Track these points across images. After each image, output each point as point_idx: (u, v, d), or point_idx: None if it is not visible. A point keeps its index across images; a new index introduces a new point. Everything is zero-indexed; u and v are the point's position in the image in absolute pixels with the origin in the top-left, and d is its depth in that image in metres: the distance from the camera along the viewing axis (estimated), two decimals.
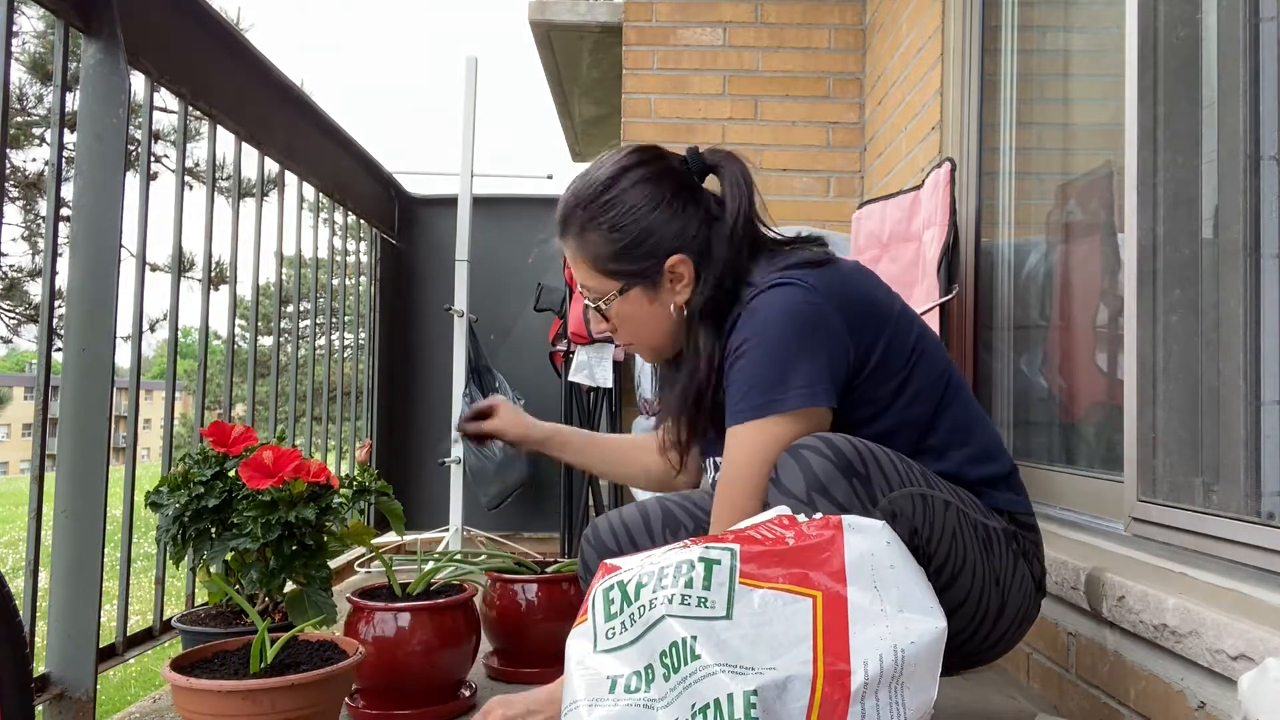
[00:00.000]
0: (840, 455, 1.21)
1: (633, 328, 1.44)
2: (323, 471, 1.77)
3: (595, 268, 1.41)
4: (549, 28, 4.01)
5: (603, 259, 1.40)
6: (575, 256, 1.43)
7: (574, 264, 1.44)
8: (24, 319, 9.81)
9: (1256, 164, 1.37)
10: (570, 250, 1.43)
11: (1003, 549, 1.34)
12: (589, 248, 1.40)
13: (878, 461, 1.23)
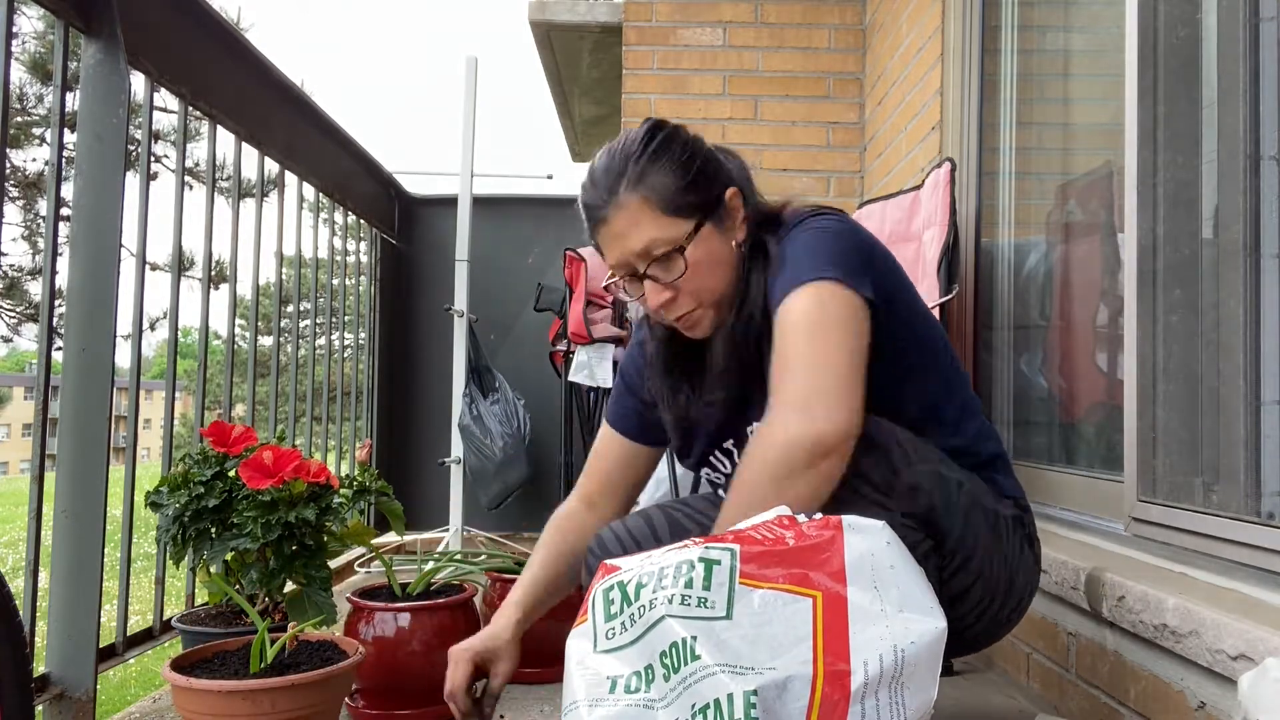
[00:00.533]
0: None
1: (703, 276, 1.33)
2: (323, 471, 1.77)
3: (666, 209, 1.31)
4: (549, 28, 4.01)
5: (674, 194, 1.32)
6: (640, 207, 1.31)
7: (637, 219, 1.32)
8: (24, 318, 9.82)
9: (1256, 164, 1.37)
10: (631, 204, 1.32)
11: (1009, 532, 1.36)
12: (657, 189, 1.32)
13: (897, 439, 1.24)
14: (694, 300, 1.34)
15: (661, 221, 1.31)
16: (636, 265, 1.33)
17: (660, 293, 1.33)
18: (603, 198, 1.33)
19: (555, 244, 3.88)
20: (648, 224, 1.31)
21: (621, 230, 1.33)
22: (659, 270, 1.33)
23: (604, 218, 1.34)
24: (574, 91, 4.76)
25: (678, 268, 1.32)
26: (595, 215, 1.35)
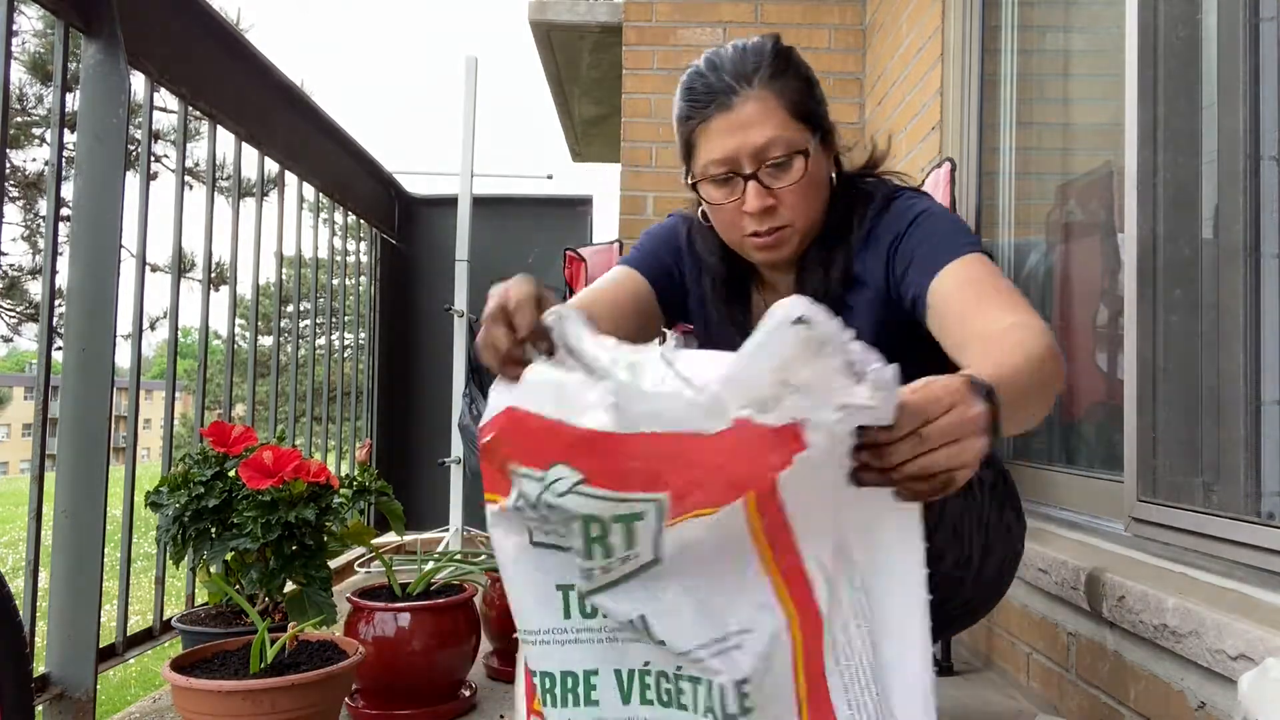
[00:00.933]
0: None
1: (808, 192, 1.31)
2: (323, 471, 1.77)
3: (794, 113, 1.29)
4: (549, 28, 4.01)
5: (804, 103, 1.30)
6: (774, 102, 1.27)
7: (767, 113, 1.27)
8: (24, 318, 9.81)
9: (1256, 164, 1.37)
10: (765, 98, 1.27)
11: (987, 494, 1.32)
12: (788, 92, 1.29)
13: None
14: (791, 215, 1.30)
15: (789, 123, 1.28)
16: (745, 164, 1.28)
17: (764, 198, 1.28)
18: (728, 84, 1.27)
19: (555, 244, 3.88)
20: (776, 121, 1.27)
21: (747, 120, 1.27)
22: (770, 173, 1.28)
23: (727, 104, 1.27)
24: (574, 91, 4.77)
25: (793, 173, 1.28)
26: (712, 100, 1.28)
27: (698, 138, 1.31)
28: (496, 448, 0.98)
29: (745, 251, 1.36)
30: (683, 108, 1.33)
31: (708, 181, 1.32)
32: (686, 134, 1.33)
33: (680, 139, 1.35)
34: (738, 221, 1.32)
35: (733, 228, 1.34)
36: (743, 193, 1.29)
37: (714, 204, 1.33)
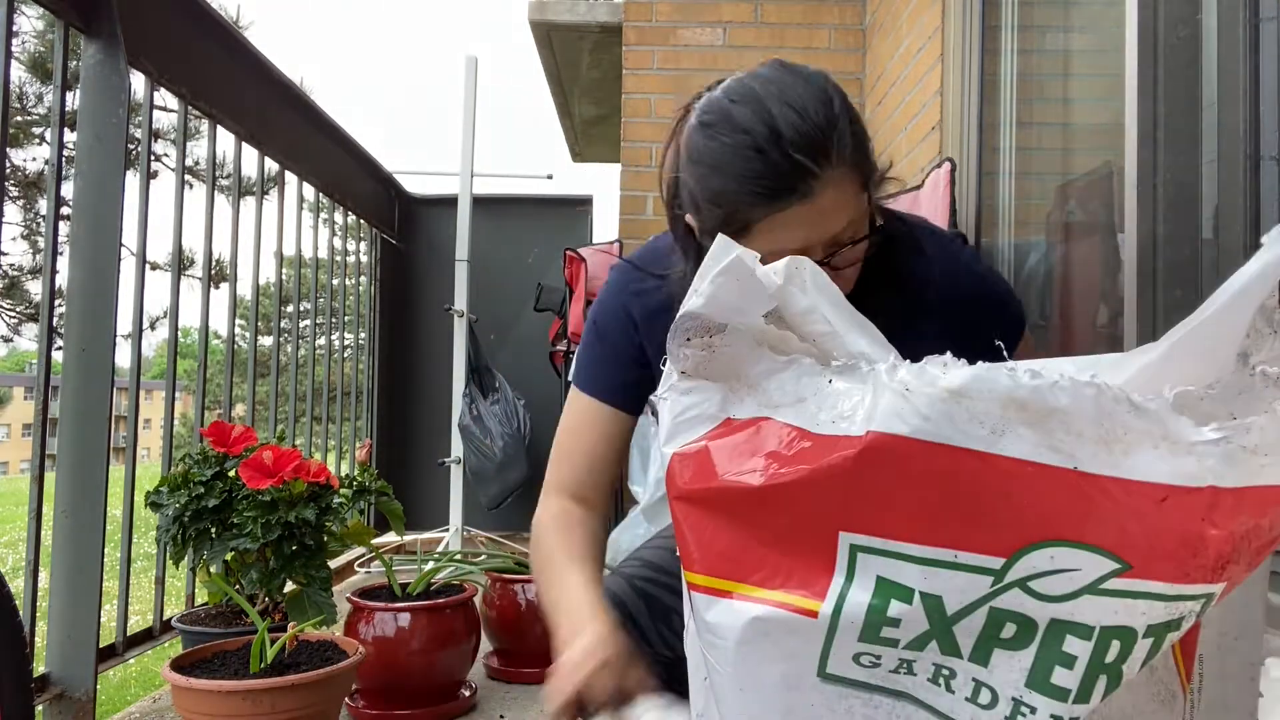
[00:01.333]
0: None
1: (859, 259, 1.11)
2: (323, 471, 1.77)
3: (864, 188, 1.06)
4: (549, 28, 4.01)
5: (868, 175, 1.07)
6: (852, 181, 1.03)
7: (846, 196, 1.03)
8: (24, 318, 9.81)
9: (1256, 164, 1.37)
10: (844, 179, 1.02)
11: None
12: (862, 165, 1.05)
13: None
14: (847, 287, 1.08)
15: (862, 200, 1.06)
16: (817, 251, 1.03)
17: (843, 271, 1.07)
18: (805, 167, 0.98)
19: (555, 244, 3.88)
20: (852, 202, 1.04)
21: (827, 208, 1.01)
22: (842, 255, 1.05)
23: (808, 193, 0.99)
24: (574, 91, 4.76)
25: (858, 251, 1.07)
26: (787, 190, 0.99)
27: (759, 226, 1.02)
28: (811, 501, 0.62)
29: None
30: (737, 190, 1.01)
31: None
32: (742, 220, 1.02)
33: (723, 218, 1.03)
34: None
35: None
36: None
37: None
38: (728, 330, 0.69)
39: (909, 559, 0.59)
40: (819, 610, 0.61)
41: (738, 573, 0.64)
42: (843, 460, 0.59)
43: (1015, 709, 0.60)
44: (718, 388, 0.69)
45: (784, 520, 0.62)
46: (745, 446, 0.65)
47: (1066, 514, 0.55)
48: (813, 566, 0.62)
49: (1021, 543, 0.57)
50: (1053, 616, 0.58)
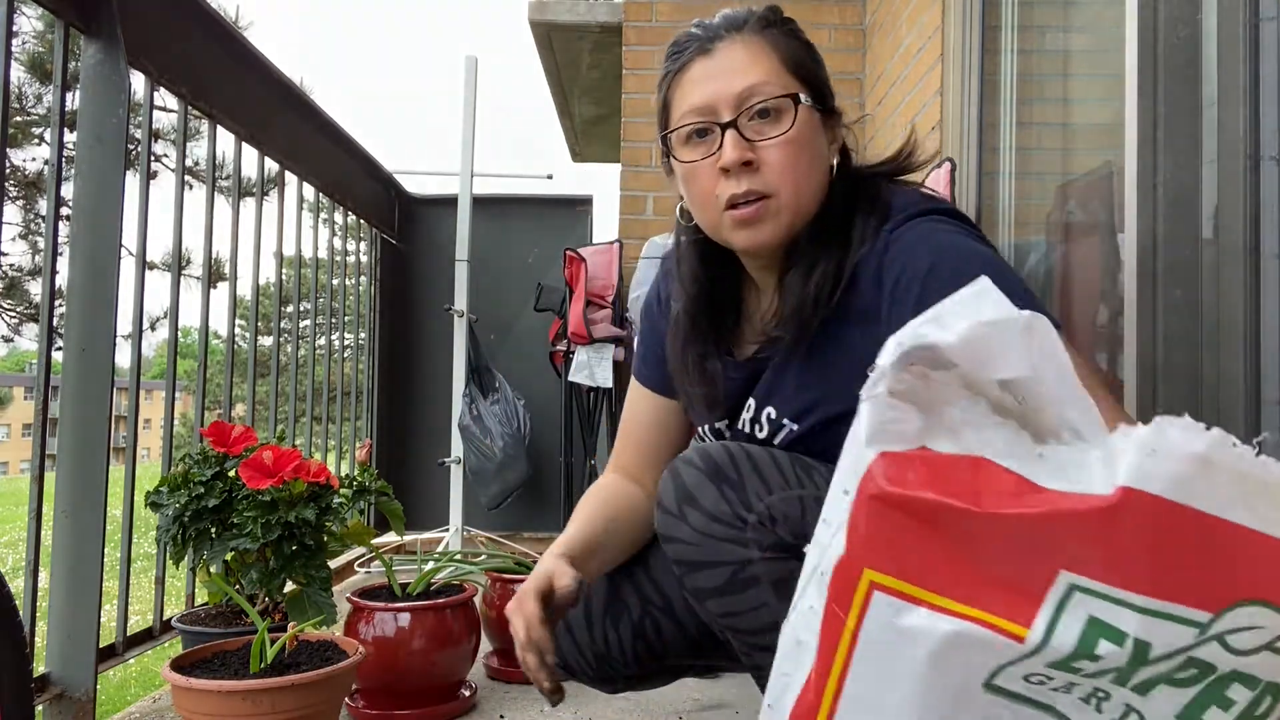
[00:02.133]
0: (709, 462, 1.11)
1: (797, 158, 1.11)
2: (323, 471, 1.77)
3: (788, 65, 1.14)
4: (549, 28, 4.01)
5: (797, 62, 1.15)
6: (763, 49, 1.13)
7: (754, 58, 1.12)
8: (24, 318, 9.81)
9: (1256, 164, 1.37)
10: (753, 43, 1.13)
11: None
12: (782, 48, 1.15)
13: (755, 465, 1.10)
14: (776, 179, 1.11)
15: (780, 72, 1.13)
16: (723, 110, 1.11)
17: (742, 149, 1.10)
18: (715, 32, 1.15)
19: (555, 244, 3.88)
20: (765, 67, 1.12)
21: (729, 65, 1.12)
22: (754, 125, 1.11)
23: (708, 50, 1.14)
24: (574, 91, 4.77)
25: (780, 124, 1.11)
26: (693, 48, 1.15)
27: (674, 93, 1.17)
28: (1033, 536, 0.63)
29: (723, 234, 1.16)
30: (664, 69, 1.19)
31: (680, 140, 1.15)
32: (663, 95, 1.18)
33: (658, 106, 1.20)
34: (713, 189, 1.13)
35: (708, 200, 1.14)
36: (719, 146, 1.11)
37: (686, 163, 1.14)
38: (953, 371, 0.70)
39: (1130, 606, 0.62)
40: (1025, 636, 0.64)
41: (937, 584, 0.66)
42: (1086, 510, 0.61)
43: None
44: (918, 415, 0.70)
45: (998, 547, 0.64)
46: (964, 475, 0.66)
47: (1271, 579, 0.61)
48: (1021, 593, 0.64)
49: (1229, 601, 0.61)
50: (1234, 667, 0.63)
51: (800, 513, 1.07)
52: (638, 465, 1.34)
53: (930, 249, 1.06)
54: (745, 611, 1.07)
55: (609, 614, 1.30)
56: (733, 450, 1.12)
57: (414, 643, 1.76)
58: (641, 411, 1.36)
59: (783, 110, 1.11)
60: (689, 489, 1.10)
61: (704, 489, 1.09)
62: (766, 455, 1.12)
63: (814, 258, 1.14)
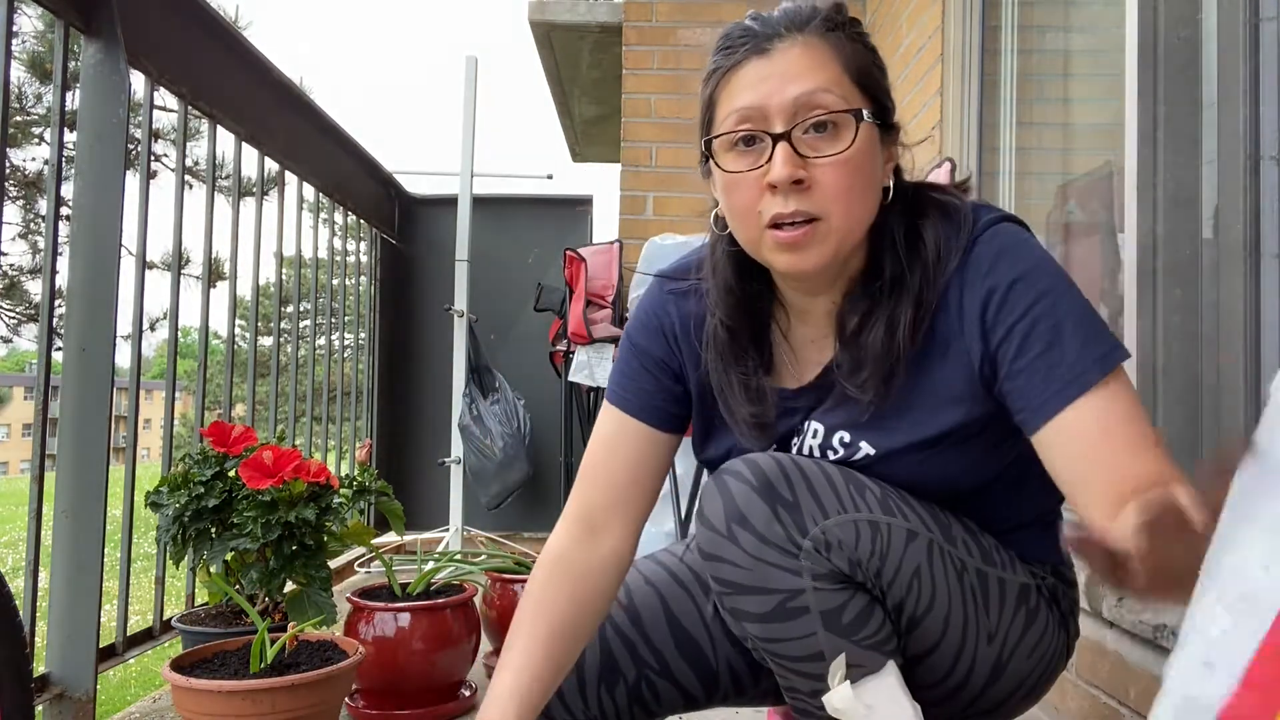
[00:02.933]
0: (761, 476, 1.01)
1: (854, 179, 1.00)
2: (323, 471, 1.77)
3: (851, 73, 1.02)
4: (549, 28, 4.01)
5: (862, 70, 1.03)
6: (820, 54, 1.01)
7: (816, 62, 1.00)
8: (24, 319, 9.81)
9: (1256, 164, 1.37)
10: (815, 46, 1.01)
11: (1012, 602, 1.10)
12: (847, 54, 1.03)
13: (809, 483, 1.02)
14: (827, 204, 0.99)
15: (843, 80, 1.01)
16: (775, 119, 0.99)
17: (795, 166, 0.98)
18: (774, 29, 1.01)
19: (555, 244, 3.88)
20: (827, 75, 1.00)
21: (787, 69, 1.00)
22: (809, 140, 0.99)
23: (765, 50, 1.00)
24: (574, 91, 4.77)
25: (839, 141, 0.99)
26: (748, 45, 1.02)
27: (721, 92, 1.03)
28: None
29: (763, 253, 1.04)
30: (711, 64, 1.05)
31: (725, 146, 1.02)
32: (709, 92, 1.05)
33: (702, 102, 1.06)
34: (756, 203, 1.01)
35: (749, 215, 1.02)
36: (768, 159, 0.99)
37: (729, 173, 1.02)
38: None
39: None
40: None
41: None
42: None
43: None
44: None
45: None
46: None
47: None
48: None
49: None
50: None
51: (855, 539, 1.00)
52: (606, 507, 1.15)
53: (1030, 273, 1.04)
54: (790, 640, 1.01)
55: (603, 682, 1.18)
56: (784, 464, 1.03)
57: (414, 643, 1.76)
58: (619, 442, 1.18)
59: (842, 125, 1.00)
60: (740, 508, 1.01)
61: (755, 508, 1.00)
62: (819, 471, 1.04)
63: (890, 308, 1.04)
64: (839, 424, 1.10)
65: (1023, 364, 0.99)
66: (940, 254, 1.04)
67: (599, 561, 1.13)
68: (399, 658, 1.75)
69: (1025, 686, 1.13)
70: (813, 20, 1.02)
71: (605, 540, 1.14)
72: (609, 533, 1.14)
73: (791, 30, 1.01)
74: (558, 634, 1.09)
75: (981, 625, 1.08)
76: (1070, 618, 1.17)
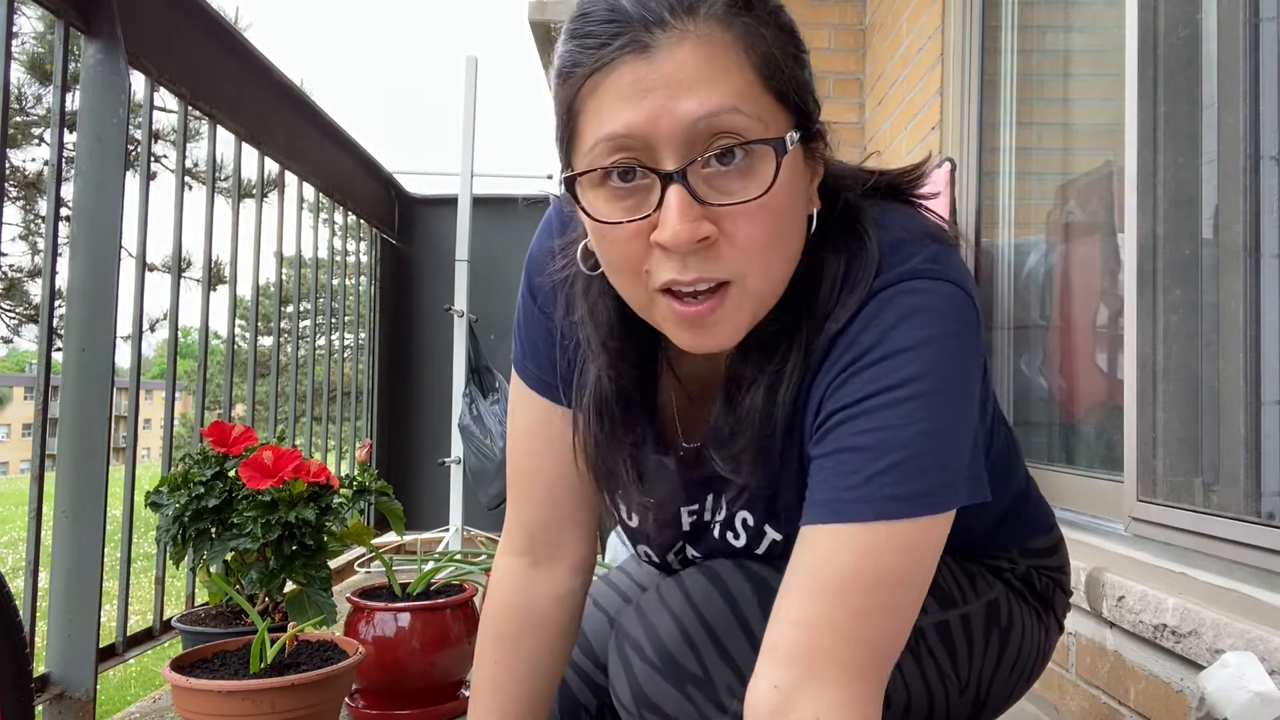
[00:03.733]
0: (661, 650, 0.87)
1: (775, 228, 0.74)
2: (323, 471, 1.77)
3: (767, 79, 0.73)
4: (549, 28, 4.01)
5: (782, 65, 0.74)
6: (722, 51, 0.72)
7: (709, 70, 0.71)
8: (24, 319, 9.82)
9: (1256, 164, 1.37)
10: (707, 41, 0.71)
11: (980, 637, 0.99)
12: (757, 40, 0.73)
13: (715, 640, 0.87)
14: (740, 264, 0.74)
15: (755, 89, 0.73)
16: (664, 150, 0.71)
17: (697, 222, 0.71)
18: (653, 13, 0.71)
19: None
20: (733, 80, 0.72)
21: (678, 75, 0.71)
22: (716, 175, 0.72)
23: (643, 45, 0.71)
24: None
25: (753, 178, 0.72)
26: (619, 38, 0.71)
27: (585, 102, 0.73)
28: None
29: (655, 319, 0.79)
30: (566, 54, 0.75)
31: (593, 181, 0.75)
32: (568, 99, 0.75)
33: (558, 112, 0.77)
34: (641, 261, 0.75)
35: (633, 275, 0.76)
36: (657, 206, 0.72)
37: (600, 222, 0.75)
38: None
39: None
40: None
41: None
42: None
43: None
44: None
45: None
46: None
47: None
48: None
49: None
50: None
51: None
52: (552, 526, 0.97)
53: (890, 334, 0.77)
54: None
55: (566, 716, 1.10)
56: (684, 622, 0.87)
57: (414, 643, 1.76)
58: (549, 437, 0.95)
59: (758, 156, 0.72)
60: (648, 695, 0.87)
61: (664, 694, 0.86)
62: (725, 611, 0.88)
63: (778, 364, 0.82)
64: (739, 501, 0.91)
65: (818, 453, 0.79)
66: (833, 306, 0.79)
67: (554, 600, 0.98)
68: (399, 658, 1.75)
69: (1016, 694, 1.06)
70: (713, 5, 0.72)
71: (557, 568, 0.98)
72: (563, 551, 0.98)
73: (680, 15, 0.71)
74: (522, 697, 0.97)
75: (950, 687, 0.97)
76: (1052, 595, 1.06)
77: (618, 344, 0.87)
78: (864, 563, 0.74)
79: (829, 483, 0.77)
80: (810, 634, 0.74)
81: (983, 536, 1.02)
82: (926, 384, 0.75)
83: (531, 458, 0.97)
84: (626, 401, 0.89)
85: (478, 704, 0.98)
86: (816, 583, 0.75)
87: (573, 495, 0.97)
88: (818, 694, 0.72)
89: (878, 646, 0.75)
